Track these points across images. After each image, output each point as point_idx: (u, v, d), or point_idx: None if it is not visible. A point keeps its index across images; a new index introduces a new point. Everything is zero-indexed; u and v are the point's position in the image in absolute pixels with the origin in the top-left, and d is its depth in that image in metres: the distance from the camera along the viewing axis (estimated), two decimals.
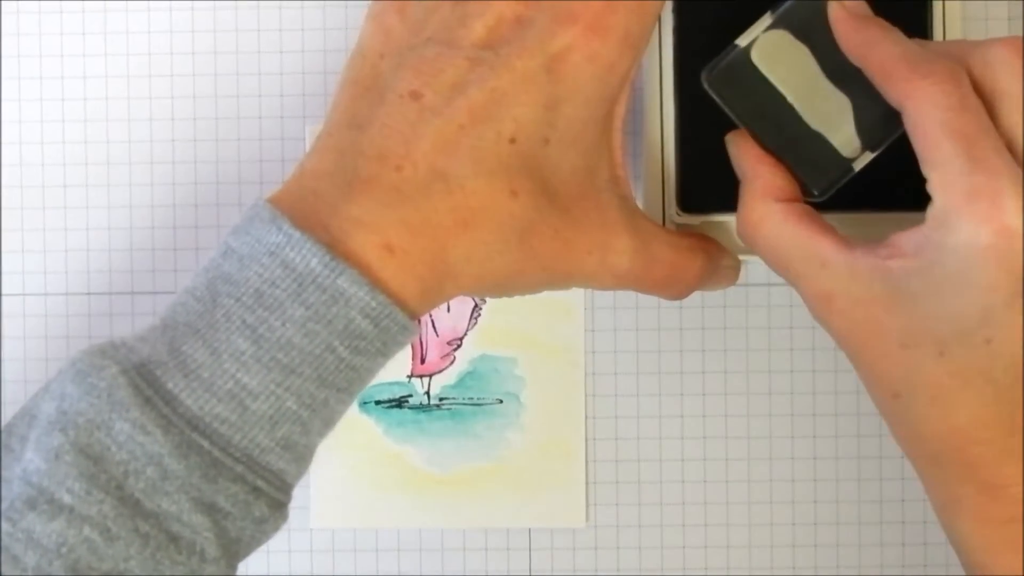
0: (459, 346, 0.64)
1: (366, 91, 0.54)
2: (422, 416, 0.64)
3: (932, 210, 0.50)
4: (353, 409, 0.63)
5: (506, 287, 0.54)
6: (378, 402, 0.64)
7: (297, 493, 0.53)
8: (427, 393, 0.64)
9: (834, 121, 0.55)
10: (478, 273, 0.52)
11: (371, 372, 0.52)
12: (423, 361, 0.64)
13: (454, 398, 0.64)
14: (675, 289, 0.58)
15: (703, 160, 0.59)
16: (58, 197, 0.65)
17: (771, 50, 0.55)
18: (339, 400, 0.52)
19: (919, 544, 0.64)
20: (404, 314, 0.51)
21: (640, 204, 0.59)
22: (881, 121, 0.54)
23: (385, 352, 0.52)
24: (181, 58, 0.65)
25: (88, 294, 0.65)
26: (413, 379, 0.64)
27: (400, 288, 0.51)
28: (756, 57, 0.55)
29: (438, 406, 0.64)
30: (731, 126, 0.56)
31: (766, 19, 0.55)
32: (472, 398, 0.64)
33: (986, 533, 0.51)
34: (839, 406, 0.64)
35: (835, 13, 0.54)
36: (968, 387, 0.50)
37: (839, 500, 0.64)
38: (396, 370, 0.64)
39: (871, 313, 0.52)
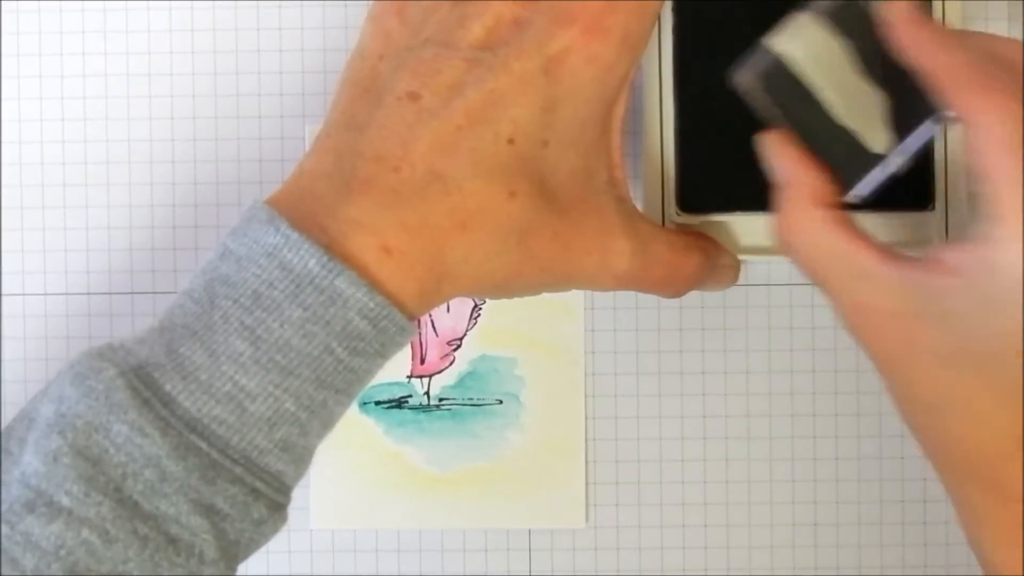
0: (459, 346, 0.64)
1: (365, 92, 0.54)
2: (422, 416, 0.64)
3: (984, 227, 0.49)
4: (353, 409, 0.63)
5: (505, 288, 0.54)
6: (378, 402, 0.64)
7: (297, 494, 0.53)
8: (427, 393, 0.64)
9: (866, 119, 0.54)
10: (476, 274, 0.52)
11: (369, 373, 0.52)
12: (423, 361, 0.64)
13: (454, 398, 0.64)
14: (673, 287, 0.58)
15: (703, 160, 0.59)
16: (57, 196, 0.65)
17: (802, 48, 0.54)
18: (337, 401, 0.52)
19: (919, 545, 0.64)
20: (402, 315, 0.51)
21: (640, 204, 0.59)
22: (914, 118, 0.53)
23: (383, 353, 0.52)
24: (180, 57, 0.65)
25: (88, 294, 0.65)
26: (413, 379, 0.64)
27: (398, 289, 0.51)
28: (786, 56, 0.54)
29: (438, 406, 0.64)
30: (731, 125, 0.56)
31: (796, 16, 0.54)
32: (472, 398, 0.64)
33: (1013, 551, 0.51)
34: (839, 407, 0.64)
35: (891, 15, 0.52)
36: (1004, 404, 0.50)
37: (839, 501, 0.64)
38: (396, 370, 0.64)
39: (910, 327, 0.51)
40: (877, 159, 0.54)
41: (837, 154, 0.54)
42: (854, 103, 0.54)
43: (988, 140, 0.49)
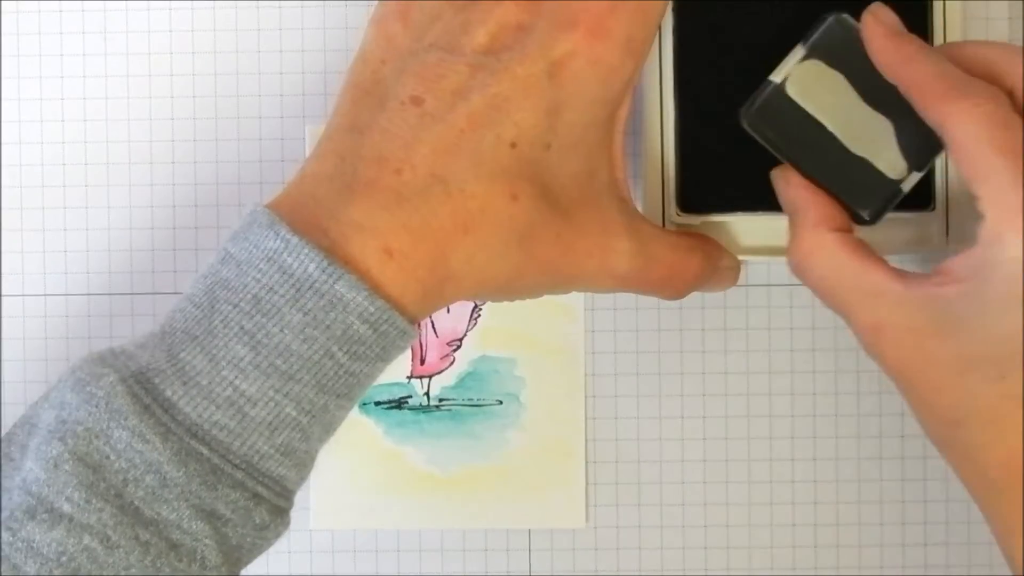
0: (459, 347, 0.64)
1: (367, 96, 0.54)
2: (422, 417, 0.64)
3: (983, 229, 0.49)
4: (353, 410, 0.62)
5: (507, 290, 0.54)
6: (378, 403, 0.64)
7: (297, 494, 0.53)
8: (427, 394, 0.64)
9: (877, 145, 0.54)
10: (479, 277, 0.52)
11: (371, 377, 0.52)
12: (423, 362, 0.64)
13: (454, 399, 0.64)
14: (674, 289, 0.58)
15: (703, 160, 0.59)
16: (57, 197, 0.65)
17: (806, 81, 0.54)
18: (339, 406, 0.52)
19: (919, 545, 0.64)
20: (403, 318, 0.51)
21: (640, 205, 0.59)
22: (924, 140, 0.53)
23: (384, 357, 0.52)
24: (181, 57, 0.64)
25: (88, 295, 0.65)
26: (413, 380, 0.64)
27: (400, 292, 0.51)
28: (792, 90, 0.55)
29: (438, 407, 0.64)
30: (731, 126, 0.56)
31: (798, 51, 0.55)
32: (472, 399, 0.64)
33: None
34: (839, 407, 0.64)
35: (869, 30, 0.53)
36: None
37: (839, 501, 0.64)
38: (396, 371, 0.64)
39: (924, 342, 0.51)
40: (894, 184, 0.55)
41: (851, 182, 0.54)
42: (863, 131, 0.54)
43: (969, 143, 0.50)
